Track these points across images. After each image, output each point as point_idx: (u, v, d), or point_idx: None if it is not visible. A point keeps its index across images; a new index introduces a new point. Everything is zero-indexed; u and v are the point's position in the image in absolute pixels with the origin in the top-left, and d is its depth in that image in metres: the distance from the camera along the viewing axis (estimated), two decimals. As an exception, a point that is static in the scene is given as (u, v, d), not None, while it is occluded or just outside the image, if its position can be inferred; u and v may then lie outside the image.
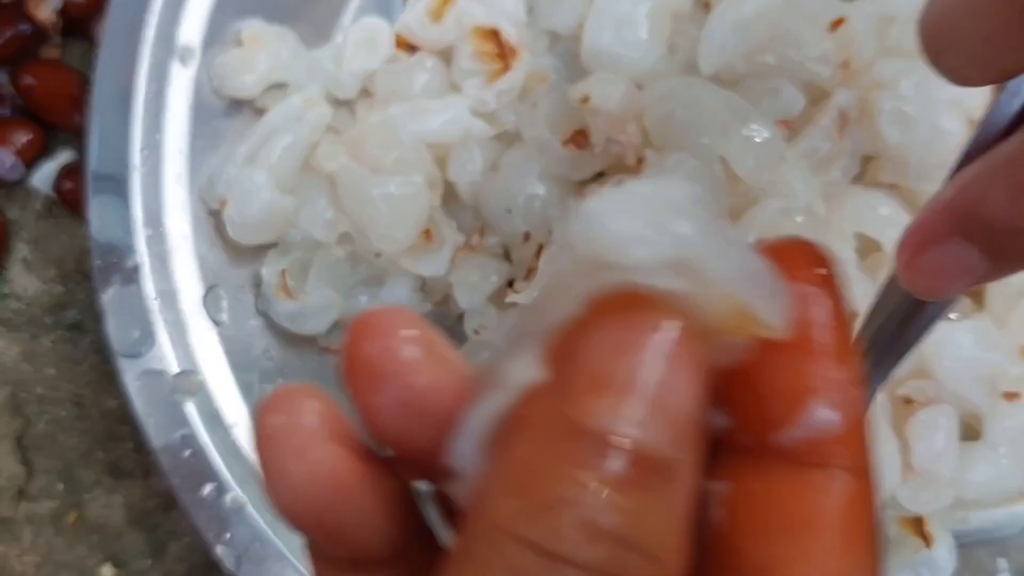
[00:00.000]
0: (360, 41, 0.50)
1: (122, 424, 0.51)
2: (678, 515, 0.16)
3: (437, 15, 0.49)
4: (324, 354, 0.49)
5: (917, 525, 0.47)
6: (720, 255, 0.16)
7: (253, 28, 0.48)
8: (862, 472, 0.17)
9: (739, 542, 0.17)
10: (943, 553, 0.47)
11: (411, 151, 0.46)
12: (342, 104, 0.50)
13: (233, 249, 0.47)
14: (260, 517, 0.42)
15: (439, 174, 0.47)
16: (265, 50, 0.48)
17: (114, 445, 0.51)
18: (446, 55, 0.50)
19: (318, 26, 0.51)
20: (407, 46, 0.50)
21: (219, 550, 0.42)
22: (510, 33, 0.47)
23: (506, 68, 0.48)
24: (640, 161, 0.43)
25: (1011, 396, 0.44)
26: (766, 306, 0.16)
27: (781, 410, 0.17)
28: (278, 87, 0.49)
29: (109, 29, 0.45)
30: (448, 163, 0.48)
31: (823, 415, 0.17)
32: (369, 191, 0.44)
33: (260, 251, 0.48)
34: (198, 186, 0.46)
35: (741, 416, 0.17)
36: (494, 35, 0.48)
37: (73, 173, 0.52)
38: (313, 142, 0.48)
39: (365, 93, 0.50)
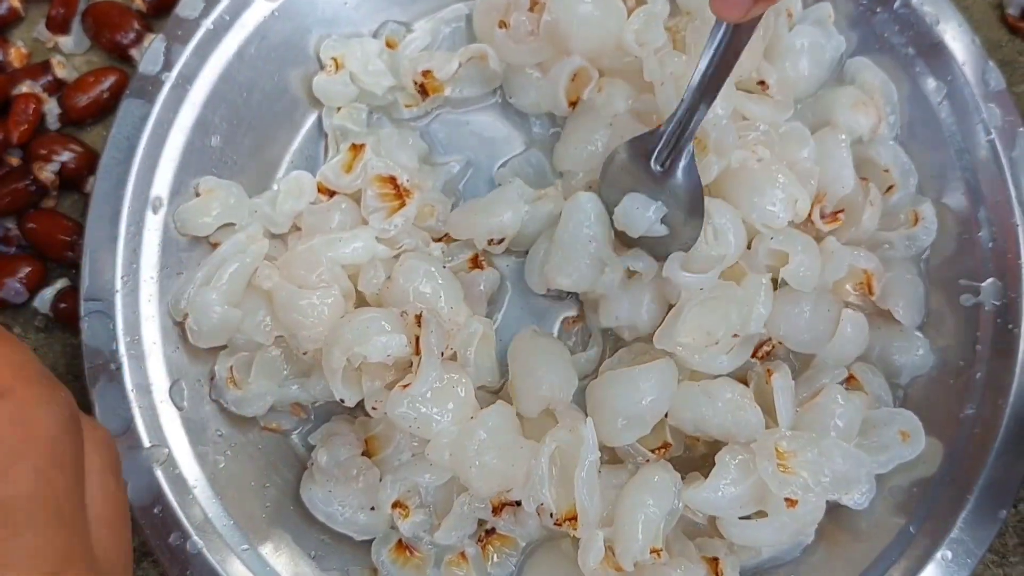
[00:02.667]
0: (290, 189, 0.59)
1: (102, 493, 0.59)
2: None
3: (348, 167, 0.59)
4: (263, 431, 0.57)
5: (713, 564, 0.54)
6: None
7: (208, 183, 0.57)
8: None
9: None
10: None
11: (329, 271, 0.55)
12: (277, 237, 0.59)
13: (192, 351, 0.55)
14: (213, 558, 0.51)
15: (352, 286, 0.56)
16: (217, 199, 0.57)
17: (95, 510, 0.59)
18: (357, 196, 0.59)
19: (259, 177, 0.61)
20: (327, 191, 0.60)
21: (182, 584, 0.51)
22: (403, 179, 0.57)
23: (402, 204, 0.57)
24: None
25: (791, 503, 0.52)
26: None
27: None
28: (228, 226, 0.57)
29: (98, 187, 0.54)
30: (359, 277, 0.56)
31: None
32: (297, 302, 0.54)
33: (213, 352, 0.56)
34: (167, 303, 0.55)
35: None
36: (392, 180, 0.58)
37: (66, 296, 0.59)
38: (254, 267, 0.56)
39: (295, 228, 0.59)
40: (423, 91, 0.60)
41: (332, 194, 0.60)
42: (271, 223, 0.59)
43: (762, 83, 0.59)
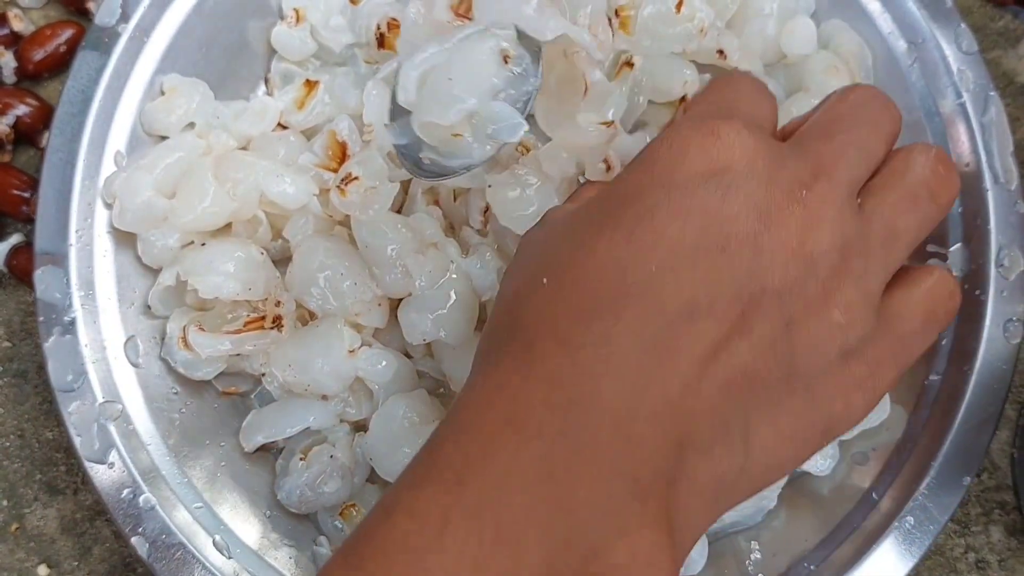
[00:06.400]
0: (255, 111, 0.58)
1: (57, 452, 0.58)
2: None
3: (301, 104, 0.57)
4: (220, 396, 0.57)
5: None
6: None
7: (172, 80, 0.56)
8: None
9: None
10: (696, 550, 0.54)
11: (247, 191, 0.53)
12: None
13: (147, 309, 0.55)
14: (166, 514, 0.50)
15: (262, 223, 0.55)
16: (182, 96, 0.56)
17: (50, 468, 0.58)
18: (308, 133, 0.58)
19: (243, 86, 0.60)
20: (281, 124, 0.58)
21: (134, 540, 0.50)
22: (354, 150, 0.55)
23: (341, 163, 0.55)
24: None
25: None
26: None
27: None
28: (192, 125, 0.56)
29: (53, 140, 0.53)
30: (288, 226, 0.55)
31: None
32: (200, 179, 0.53)
33: (168, 311, 0.55)
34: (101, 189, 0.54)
35: None
36: (343, 147, 0.55)
37: (21, 252, 0.58)
38: (191, 163, 0.54)
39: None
40: (381, 43, 0.58)
41: (285, 127, 0.58)
42: (224, 137, 0.57)
43: (720, 52, 0.57)
